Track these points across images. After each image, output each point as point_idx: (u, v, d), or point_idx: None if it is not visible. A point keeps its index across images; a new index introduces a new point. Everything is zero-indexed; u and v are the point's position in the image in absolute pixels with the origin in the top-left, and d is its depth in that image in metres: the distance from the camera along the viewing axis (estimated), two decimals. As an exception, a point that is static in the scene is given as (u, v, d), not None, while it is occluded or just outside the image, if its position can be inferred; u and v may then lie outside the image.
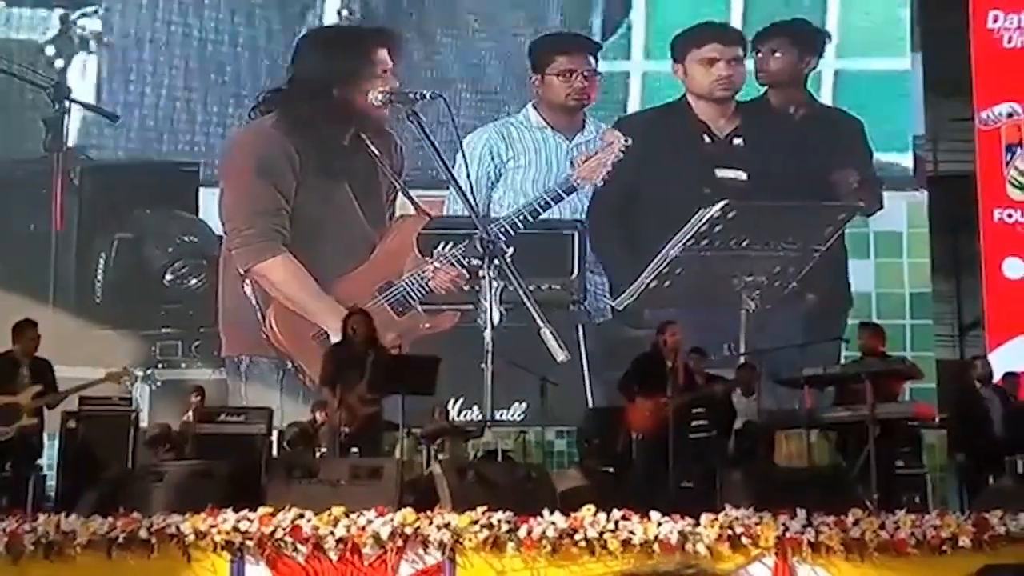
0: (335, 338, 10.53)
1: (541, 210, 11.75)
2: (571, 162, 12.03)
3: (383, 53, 11.67)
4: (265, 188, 11.50)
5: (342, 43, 11.99)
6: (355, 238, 11.71)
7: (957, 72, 12.15)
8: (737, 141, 12.21)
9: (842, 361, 10.61)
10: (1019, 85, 12.19)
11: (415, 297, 11.54)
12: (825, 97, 12.59)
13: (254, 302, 11.51)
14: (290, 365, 11.53)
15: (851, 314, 11.81)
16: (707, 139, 12.22)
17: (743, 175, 12.09)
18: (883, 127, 12.51)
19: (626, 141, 11.87)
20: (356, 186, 11.71)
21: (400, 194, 11.80)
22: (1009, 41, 12.31)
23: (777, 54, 12.41)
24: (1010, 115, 12.12)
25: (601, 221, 11.96)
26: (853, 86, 12.54)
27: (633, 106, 12.58)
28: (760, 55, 12.42)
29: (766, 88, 12.46)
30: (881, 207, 12.25)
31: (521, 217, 11.71)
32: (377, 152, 11.67)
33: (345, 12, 12.60)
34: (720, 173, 12.11)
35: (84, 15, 12.49)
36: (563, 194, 11.83)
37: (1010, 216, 12.02)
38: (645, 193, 12.01)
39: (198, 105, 12.42)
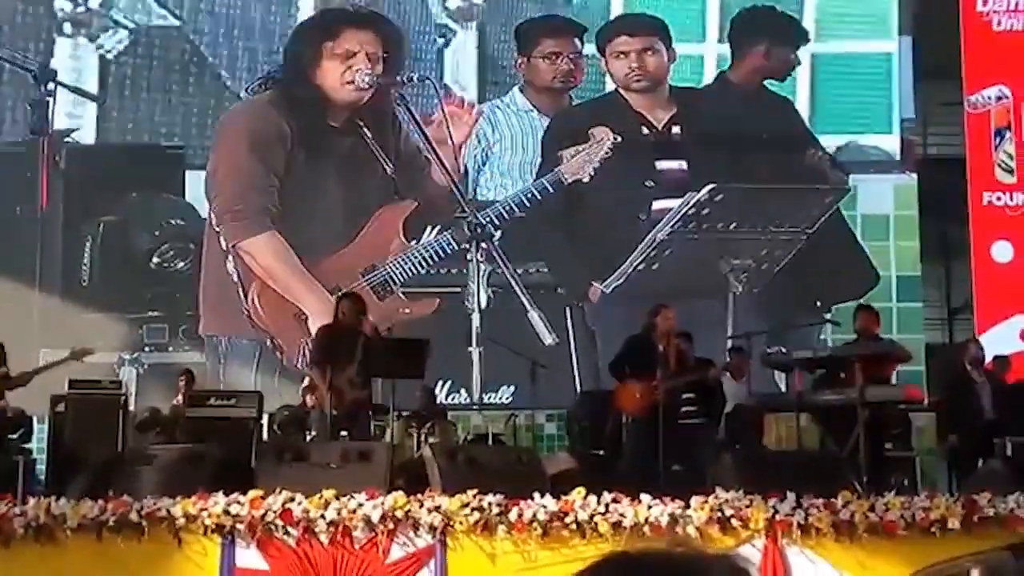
0: (314, 320, 10.54)
1: (528, 203, 11.71)
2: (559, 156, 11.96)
3: (365, 34, 11.59)
4: (256, 164, 11.46)
5: (318, 25, 11.93)
6: (342, 219, 11.69)
7: (947, 55, 12.14)
8: (675, 130, 12.09)
9: (828, 343, 10.65)
10: (1009, 68, 12.18)
11: (397, 281, 11.52)
12: (803, 80, 12.54)
13: (236, 279, 11.46)
14: (269, 343, 11.47)
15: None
16: (645, 130, 12.08)
17: (684, 164, 12.00)
18: (866, 109, 12.52)
19: (615, 138, 11.82)
20: (344, 167, 11.67)
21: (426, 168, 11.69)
22: (999, 24, 12.30)
23: (755, 49, 12.34)
24: (999, 98, 12.12)
25: (543, 216, 11.78)
26: (832, 69, 12.53)
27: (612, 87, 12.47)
28: (736, 46, 12.35)
29: (720, 72, 12.39)
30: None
31: (507, 207, 11.68)
32: (371, 134, 11.61)
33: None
34: (661, 165, 12.03)
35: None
36: (551, 188, 11.77)
37: (999, 199, 12.03)
38: (587, 190, 11.84)
39: (182, 89, 12.37)
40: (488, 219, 11.26)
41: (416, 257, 11.55)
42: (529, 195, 11.75)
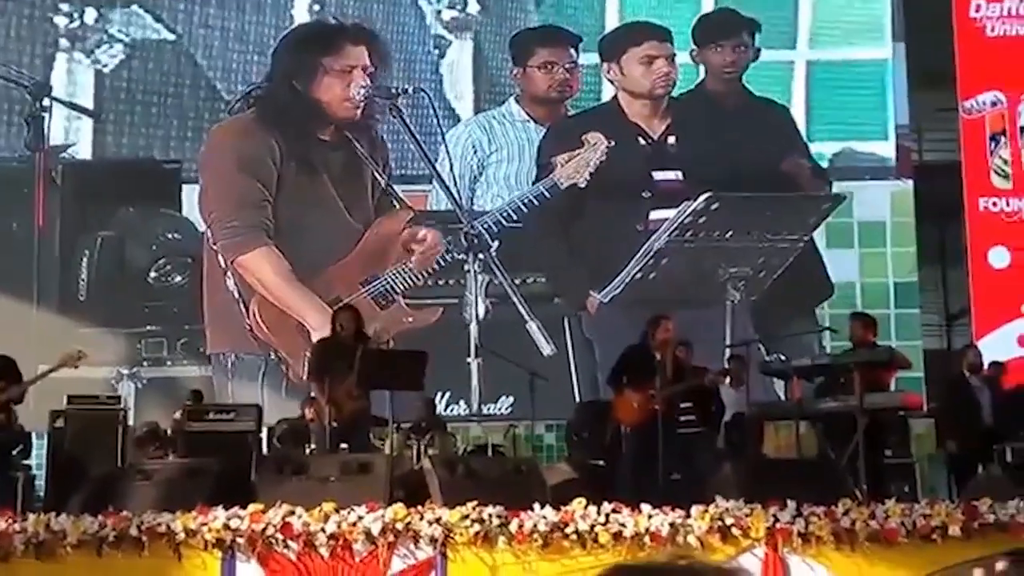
0: (315, 334, 10.52)
1: (525, 208, 11.73)
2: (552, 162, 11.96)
3: (360, 49, 11.59)
4: (247, 181, 11.44)
5: (317, 39, 11.90)
6: (337, 231, 11.67)
7: (941, 62, 12.19)
8: (671, 140, 12.10)
9: (827, 351, 10.65)
10: (1002, 74, 12.23)
11: (398, 290, 11.52)
12: (798, 87, 12.59)
13: (237, 295, 11.45)
14: (273, 356, 11.46)
15: (833, 303, 11.87)
16: (642, 141, 12.09)
17: (680, 175, 12.02)
18: (861, 116, 12.55)
19: (609, 143, 11.83)
20: (337, 180, 11.66)
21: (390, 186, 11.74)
22: (992, 30, 12.34)
23: (718, 48, 12.36)
24: (994, 104, 12.16)
25: (542, 227, 11.80)
26: (828, 76, 12.56)
27: (608, 98, 12.48)
28: (700, 50, 12.37)
29: (699, 81, 12.43)
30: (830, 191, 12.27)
31: (504, 214, 11.68)
32: (359, 146, 11.61)
33: (316, 7, 12.53)
34: (658, 175, 12.05)
35: (64, 14, 12.44)
36: (547, 194, 11.79)
37: (995, 205, 12.06)
38: (584, 200, 11.85)
39: (178, 103, 12.37)
40: (486, 226, 11.27)
41: (415, 266, 11.54)
42: (526, 201, 11.76)
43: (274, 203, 11.45)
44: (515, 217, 11.66)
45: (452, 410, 11.24)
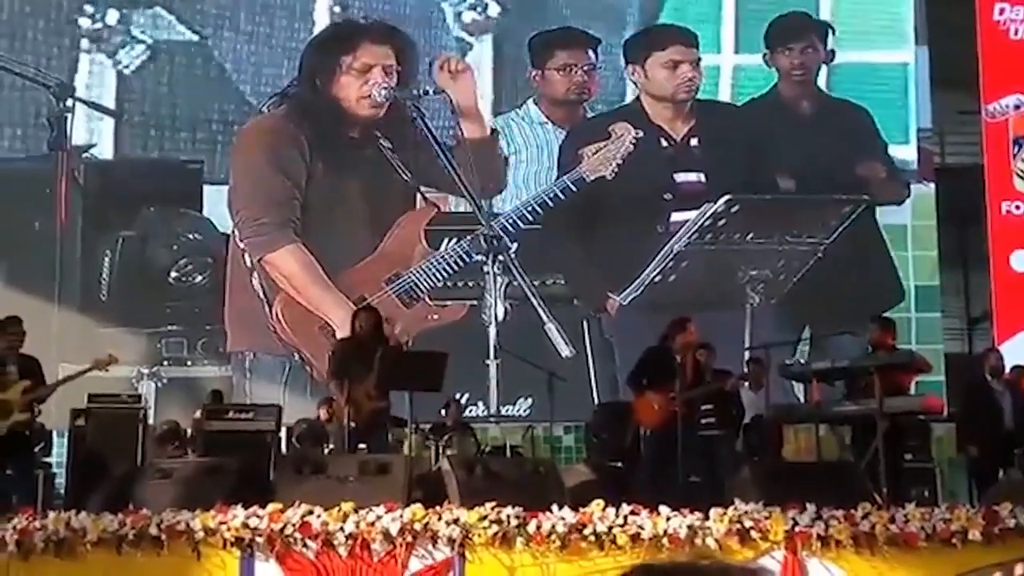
0: (340, 332, 10.55)
1: (550, 203, 11.73)
2: (580, 154, 11.96)
3: (381, 48, 11.62)
4: (277, 178, 11.50)
5: (337, 38, 11.96)
6: (364, 229, 11.72)
7: (964, 65, 12.15)
8: (693, 142, 12.10)
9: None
10: (1026, 77, 12.20)
11: (423, 288, 11.54)
12: (820, 90, 12.63)
13: (261, 295, 11.50)
14: (296, 357, 11.49)
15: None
16: (664, 143, 12.10)
17: (702, 177, 12.00)
18: (883, 119, 12.52)
19: (637, 133, 11.84)
20: (366, 178, 11.71)
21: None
22: (1016, 33, 12.31)
23: (787, 51, 12.37)
24: (1017, 107, 12.11)
25: (561, 229, 11.81)
26: (849, 79, 12.54)
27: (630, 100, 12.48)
28: (772, 54, 12.39)
29: (773, 85, 12.43)
30: (908, 195, 12.24)
31: (530, 209, 11.69)
32: (389, 145, 11.63)
33: (337, 10, 12.56)
34: (679, 177, 12.03)
35: (87, 16, 12.50)
36: (573, 187, 11.78)
37: (1018, 208, 12.02)
38: (605, 201, 11.87)
39: (200, 104, 12.42)
40: (511, 220, 11.31)
41: (439, 264, 11.57)
42: (551, 195, 11.75)
43: (303, 201, 11.50)
44: (540, 212, 11.66)
45: (471, 411, 11.24)
